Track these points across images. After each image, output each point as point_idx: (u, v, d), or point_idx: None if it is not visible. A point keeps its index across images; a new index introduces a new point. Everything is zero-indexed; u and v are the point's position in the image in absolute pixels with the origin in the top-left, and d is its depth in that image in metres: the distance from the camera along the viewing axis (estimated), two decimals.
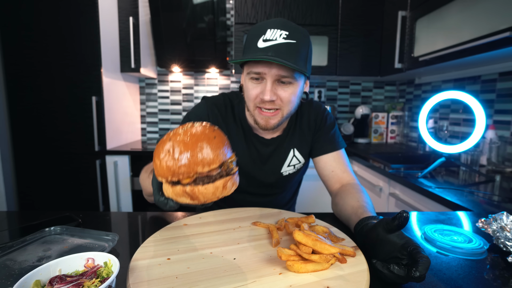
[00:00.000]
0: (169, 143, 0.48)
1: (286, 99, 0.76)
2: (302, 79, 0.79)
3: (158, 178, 0.50)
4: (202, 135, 0.49)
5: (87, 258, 0.48)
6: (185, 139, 0.48)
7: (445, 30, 1.52)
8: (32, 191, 2.03)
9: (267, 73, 0.73)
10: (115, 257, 0.47)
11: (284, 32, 0.72)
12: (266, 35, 0.72)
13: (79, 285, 0.43)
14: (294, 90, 0.77)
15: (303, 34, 0.75)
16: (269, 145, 0.92)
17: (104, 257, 0.48)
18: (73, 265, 0.47)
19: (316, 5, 2.23)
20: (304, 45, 0.75)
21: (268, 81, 0.74)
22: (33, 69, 1.92)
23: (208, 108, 0.90)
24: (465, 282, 0.50)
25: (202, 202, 0.49)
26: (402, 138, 2.51)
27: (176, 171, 0.47)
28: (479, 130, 1.24)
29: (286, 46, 0.71)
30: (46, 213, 0.79)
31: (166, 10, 2.22)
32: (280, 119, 0.80)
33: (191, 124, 0.52)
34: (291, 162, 0.94)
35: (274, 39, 0.71)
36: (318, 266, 0.49)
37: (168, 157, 0.47)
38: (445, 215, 0.84)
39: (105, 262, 0.47)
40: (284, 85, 0.76)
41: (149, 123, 2.73)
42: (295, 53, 0.72)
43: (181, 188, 0.48)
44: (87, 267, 0.47)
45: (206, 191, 0.48)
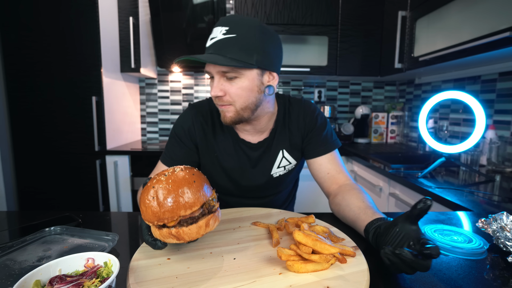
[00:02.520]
0: (152, 190, 0.53)
1: (234, 93, 0.77)
2: (253, 72, 0.76)
3: (146, 222, 0.54)
4: (183, 181, 0.53)
5: (87, 258, 0.48)
6: (167, 186, 0.52)
7: (445, 30, 1.52)
8: (32, 191, 2.03)
9: (212, 70, 0.76)
10: (115, 257, 0.47)
11: (224, 28, 0.73)
12: (212, 34, 0.76)
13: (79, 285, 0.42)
14: (241, 84, 0.76)
15: (249, 27, 0.73)
16: (257, 149, 0.91)
17: (104, 257, 0.48)
18: (73, 265, 0.47)
19: (316, 5, 2.23)
20: (248, 37, 0.73)
21: (215, 78, 0.77)
22: (33, 69, 1.92)
23: (193, 117, 0.91)
24: (465, 282, 0.50)
25: (188, 241, 0.53)
26: (402, 138, 2.51)
27: (161, 217, 0.51)
28: (479, 130, 1.24)
29: (224, 42, 0.72)
30: (46, 213, 0.79)
31: (166, 10, 2.22)
32: (234, 113, 0.79)
33: (172, 169, 0.56)
34: (280, 163, 0.92)
35: (215, 36, 0.74)
36: (318, 266, 0.49)
37: (152, 203, 0.52)
38: (445, 215, 0.84)
39: (105, 262, 0.47)
40: (231, 80, 0.76)
41: (149, 123, 2.73)
42: (234, 46, 0.72)
43: (167, 230, 0.52)
44: (87, 267, 0.47)
45: (190, 231, 0.52)
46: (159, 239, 0.54)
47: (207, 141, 0.91)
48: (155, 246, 0.54)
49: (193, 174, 0.56)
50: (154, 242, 0.54)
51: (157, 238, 0.54)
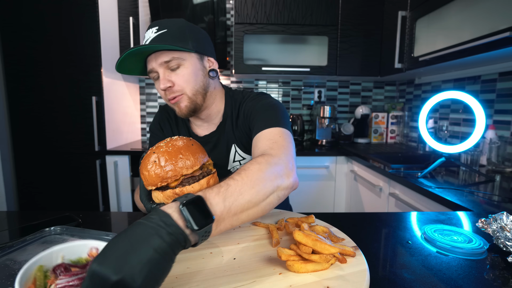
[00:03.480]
0: (154, 155, 0.56)
1: (181, 80, 0.80)
2: (195, 57, 0.81)
3: (148, 188, 0.56)
4: (182, 145, 0.57)
5: (91, 247, 0.47)
6: (168, 149, 0.56)
7: (445, 30, 1.52)
8: (32, 191, 2.03)
9: (154, 65, 0.79)
10: None
11: (155, 28, 0.78)
12: (144, 38, 0.79)
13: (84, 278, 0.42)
14: (185, 71, 0.79)
15: (176, 23, 0.79)
16: (206, 142, 0.92)
17: None
18: (77, 252, 0.46)
19: (316, 5, 2.23)
20: (178, 29, 0.78)
21: (159, 72, 0.79)
22: (33, 69, 1.92)
23: (160, 114, 0.99)
24: (465, 282, 0.50)
25: None
26: (402, 138, 2.51)
27: (165, 177, 0.54)
28: (479, 130, 1.24)
29: (157, 37, 0.76)
30: (46, 213, 0.79)
31: (166, 10, 2.22)
32: (188, 101, 0.82)
33: (169, 139, 0.61)
34: (235, 158, 0.92)
35: (148, 37, 0.77)
36: (318, 266, 0.49)
37: (155, 166, 0.55)
38: (445, 215, 0.84)
39: None
40: (175, 70, 0.79)
41: (149, 123, 2.73)
42: (168, 37, 0.76)
43: (171, 190, 0.54)
44: (91, 256, 0.46)
45: (193, 189, 0.55)
46: (162, 203, 0.55)
47: (172, 133, 0.98)
48: None
49: (190, 139, 0.61)
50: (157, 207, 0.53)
51: (159, 203, 0.56)
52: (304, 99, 2.75)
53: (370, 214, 0.88)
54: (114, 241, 0.36)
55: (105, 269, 0.32)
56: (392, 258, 0.60)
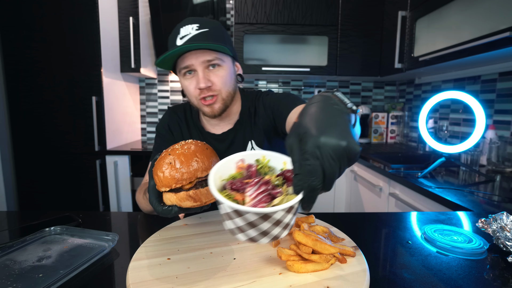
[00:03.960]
0: (170, 157, 0.56)
1: (219, 81, 0.81)
2: (230, 60, 0.85)
3: (161, 189, 0.56)
4: (197, 148, 0.58)
5: (237, 160, 0.46)
6: (184, 152, 0.57)
7: (445, 30, 1.52)
8: (32, 191, 2.03)
9: (195, 63, 0.79)
10: (275, 152, 0.45)
11: (195, 25, 0.79)
12: (181, 33, 0.79)
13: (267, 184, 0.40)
14: (224, 72, 0.82)
15: (214, 23, 0.82)
16: (222, 140, 0.94)
17: (254, 155, 0.46)
18: (227, 169, 0.46)
19: (316, 5, 2.23)
20: (218, 30, 0.82)
21: (198, 70, 0.79)
22: (33, 69, 1.92)
23: (169, 116, 0.99)
24: (465, 282, 0.50)
25: (204, 203, 0.55)
26: (402, 138, 2.51)
27: (180, 179, 0.55)
28: (479, 130, 1.24)
29: (200, 35, 0.78)
30: (46, 213, 0.79)
31: (166, 10, 2.22)
32: (222, 102, 0.84)
33: (183, 142, 0.62)
34: None
35: (188, 33, 0.78)
36: (318, 266, 0.49)
37: (171, 168, 0.55)
38: (445, 215, 0.84)
39: (257, 160, 0.45)
40: (214, 69, 0.81)
41: (149, 123, 2.73)
42: (210, 37, 0.78)
43: (185, 193, 0.55)
44: (241, 167, 0.45)
45: (207, 192, 0.55)
46: (174, 205, 0.56)
47: (183, 136, 0.98)
48: (170, 212, 0.56)
49: (204, 144, 0.62)
50: (170, 208, 0.56)
51: (172, 205, 0.56)
52: (304, 99, 2.74)
53: (370, 214, 0.88)
54: (316, 117, 0.39)
55: (334, 139, 0.35)
56: (392, 258, 0.60)
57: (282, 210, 0.35)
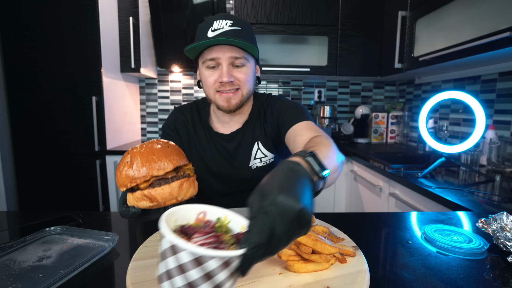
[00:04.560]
0: (127, 156, 0.55)
1: (243, 78, 0.84)
2: (253, 62, 0.88)
3: (120, 189, 0.55)
4: (156, 147, 0.56)
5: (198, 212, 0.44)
6: (141, 150, 0.55)
7: (445, 30, 1.52)
8: (32, 191, 2.03)
9: (221, 57, 0.80)
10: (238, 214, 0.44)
11: (229, 21, 0.80)
12: (213, 26, 0.80)
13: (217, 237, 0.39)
14: (247, 71, 0.85)
15: (246, 23, 0.84)
16: (231, 139, 0.95)
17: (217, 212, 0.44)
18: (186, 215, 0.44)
19: (316, 5, 2.23)
20: (249, 31, 0.84)
21: (223, 64, 0.81)
22: (33, 69, 1.92)
23: (175, 116, 0.99)
24: (465, 282, 0.50)
25: (161, 204, 0.53)
26: (402, 138, 2.51)
27: (134, 177, 0.53)
28: (479, 130, 1.24)
29: (232, 32, 0.79)
30: (46, 213, 0.79)
31: (166, 10, 2.22)
32: (240, 98, 0.86)
33: (147, 141, 0.59)
34: (256, 155, 0.95)
35: (221, 27, 0.79)
36: (318, 266, 0.49)
37: (126, 167, 0.54)
38: (445, 215, 0.84)
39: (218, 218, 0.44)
40: (238, 67, 0.83)
41: (149, 123, 2.73)
42: (241, 36, 0.80)
43: (140, 192, 0.53)
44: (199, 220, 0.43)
45: (163, 191, 0.53)
46: (132, 206, 0.55)
47: (189, 136, 0.98)
48: (128, 213, 0.55)
49: (167, 142, 0.60)
50: (127, 209, 0.55)
51: (131, 206, 0.55)
52: (304, 99, 2.75)
53: (370, 214, 0.88)
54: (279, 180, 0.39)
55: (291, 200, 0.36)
56: (392, 258, 0.60)
57: (218, 258, 0.34)
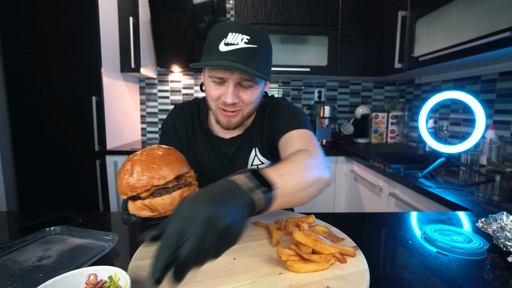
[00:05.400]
0: (128, 164, 0.53)
1: (248, 100, 0.79)
2: (263, 82, 0.83)
3: (122, 197, 0.54)
4: (157, 154, 0.55)
5: (88, 275, 0.43)
6: (141, 158, 0.54)
7: (445, 30, 1.52)
8: (32, 191, 2.03)
9: (229, 77, 0.75)
10: (123, 270, 0.43)
11: (246, 36, 0.72)
12: (227, 39, 0.72)
13: None
14: (255, 92, 0.79)
15: (264, 38, 0.76)
16: (231, 144, 0.93)
17: (108, 271, 0.43)
18: (73, 283, 0.42)
19: (316, 5, 2.23)
20: (265, 49, 0.76)
21: (230, 85, 0.75)
22: (33, 69, 1.92)
23: (175, 115, 0.96)
24: (465, 282, 0.50)
25: (162, 214, 0.53)
26: (402, 138, 2.51)
27: (134, 186, 0.52)
28: (479, 130, 1.24)
29: (247, 51, 0.72)
30: (46, 213, 0.79)
31: (166, 10, 2.22)
32: (241, 118, 0.83)
33: (148, 147, 0.58)
34: (253, 162, 0.93)
35: (236, 43, 0.71)
36: (318, 266, 0.49)
37: (127, 175, 0.53)
38: (445, 215, 0.84)
39: (110, 277, 0.43)
40: (245, 88, 0.78)
41: (149, 123, 2.73)
42: (256, 57, 0.73)
43: (141, 202, 0.52)
44: (89, 283, 0.43)
45: (164, 201, 0.52)
46: (133, 214, 0.54)
47: (188, 137, 0.95)
48: (129, 221, 0.54)
49: (168, 149, 0.58)
50: (128, 217, 0.54)
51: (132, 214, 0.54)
52: (304, 99, 2.75)
53: (370, 214, 0.88)
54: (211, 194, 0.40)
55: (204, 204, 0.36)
56: (392, 258, 0.60)
57: None
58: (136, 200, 0.54)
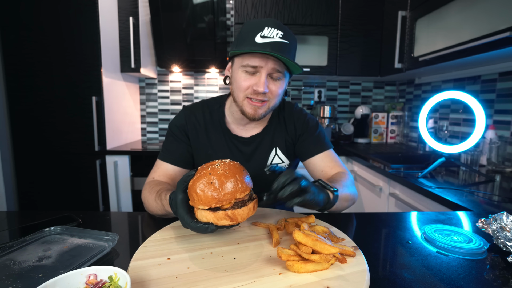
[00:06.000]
0: (210, 177, 0.58)
1: (276, 92, 0.83)
2: (288, 77, 0.88)
3: (198, 206, 0.58)
4: (236, 169, 0.61)
5: (88, 274, 0.44)
6: (225, 172, 0.59)
7: (445, 30, 1.52)
8: (32, 191, 2.03)
9: (264, 66, 0.79)
10: (122, 270, 0.43)
11: (280, 32, 0.78)
12: (263, 32, 0.77)
13: None
14: (282, 85, 0.84)
15: (294, 37, 0.83)
16: (249, 143, 0.95)
17: (108, 271, 0.44)
18: (73, 282, 0.43)
19: (316, 5, 2.23)
20: (294, 47, 0.83)
21: (262, 74, 0.80)
22: (33, 69, 1.92)
23: (186, 117, 0.96)
24: (465, 282, 0.50)
25: (239, 222, 0.58)
26: (402, 138, 2.51)
27: (221, 199, 0.57)
28: (479, 130, 1.24)
29: (281, 45, 0.77)
30: (46, 213, 0.79)
31: (166, 10, 2.22)
32: (266, 109, 0.86)
33: (219, 161, 0.63)
34: (273, 161, 0.96)
35: (271, 36, 0.76)
36: (318, 266, 0.49)
37: (212, 188, 0.57)
38: (445, 215, 0.84)
39: (110, 277, 0.43)
40: (275, 80, 0.82)
41: (149, 123, 2.73)
42: (287, 52, 0.78)
43: (223, 212, 0.57)
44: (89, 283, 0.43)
45: (243, 212, 0.58)
46: (211, 223, 0.57)
47: (200, 140, 0.95)
48: (207, 229, 0.57)
49: (239, 164, 0.64)
50: (206, 225, 0.57)
51: (208, 222, 0.57)
52: (304, 99, 2.75)
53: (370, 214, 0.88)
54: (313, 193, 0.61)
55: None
56: (392, 258, 0.60)
57: None
58: (216, 210, 0.57)
